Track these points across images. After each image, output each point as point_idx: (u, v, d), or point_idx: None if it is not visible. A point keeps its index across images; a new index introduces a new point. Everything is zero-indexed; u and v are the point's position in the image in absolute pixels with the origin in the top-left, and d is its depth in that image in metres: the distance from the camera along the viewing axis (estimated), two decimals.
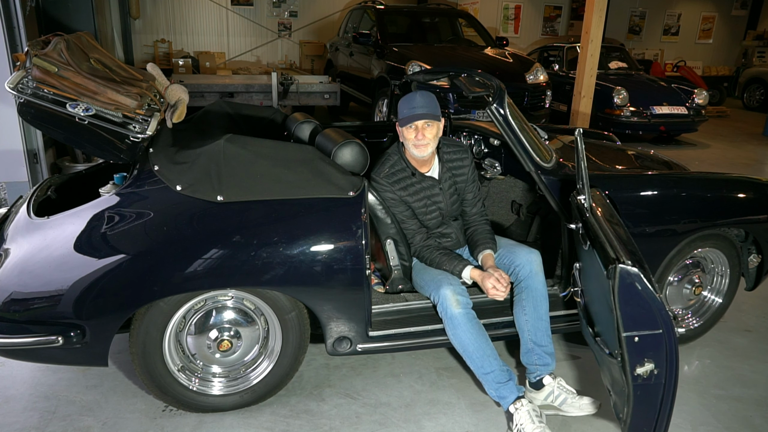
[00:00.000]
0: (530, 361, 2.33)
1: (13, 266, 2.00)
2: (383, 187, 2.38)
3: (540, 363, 2.32)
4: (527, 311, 2.31)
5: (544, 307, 2.32)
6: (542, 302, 2.31)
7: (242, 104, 3.01)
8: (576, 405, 2.30)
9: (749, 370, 2.76)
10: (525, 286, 2.33)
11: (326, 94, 7.51)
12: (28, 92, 1.98)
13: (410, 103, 2.27)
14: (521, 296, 2.34)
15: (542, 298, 2.31)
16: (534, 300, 2.31)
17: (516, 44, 12.04)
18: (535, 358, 2.32)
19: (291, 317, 2.23)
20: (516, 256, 2.38)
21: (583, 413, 2.31)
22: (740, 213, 2.71)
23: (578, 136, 2.06)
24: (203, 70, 10.08)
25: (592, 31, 6.37)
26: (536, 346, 2.31)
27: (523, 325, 2.33)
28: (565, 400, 2.30)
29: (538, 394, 2.33)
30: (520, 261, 2.36)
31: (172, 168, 2.09)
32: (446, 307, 2.21)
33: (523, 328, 2.33)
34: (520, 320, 2.34)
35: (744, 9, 14.31)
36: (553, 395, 2.31)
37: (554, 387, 2.31)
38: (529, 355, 2.33)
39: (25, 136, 4.09)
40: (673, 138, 8.53)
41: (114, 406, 2.33)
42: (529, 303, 2.31)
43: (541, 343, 2.31)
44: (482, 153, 3.16)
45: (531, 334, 2.31)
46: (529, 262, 2.34)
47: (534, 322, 2.31)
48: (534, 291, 2.31)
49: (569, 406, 2.30)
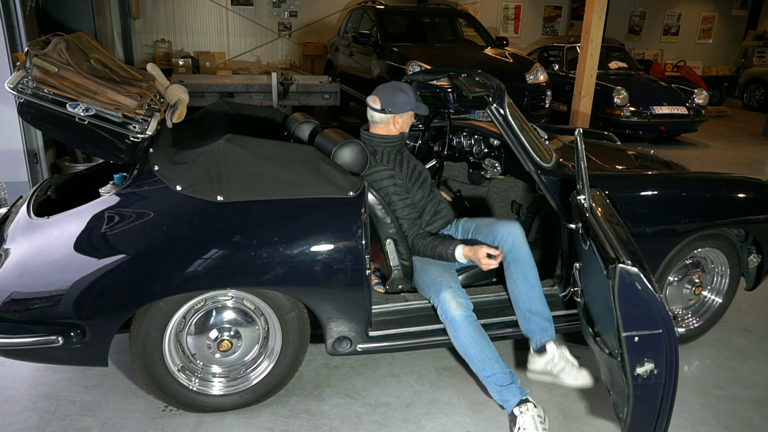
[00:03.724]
0: (529, 328, 2.37)
1: (13, 266, 2.00)
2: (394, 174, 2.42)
3: (539, 329, 2.35)
4: (518, 282, 2.35)
5: (533, 274, 2.35)
6: (530, 270, 2.35)
7: (242, 104, 3.01)
8: (572, 375, 2.32)
9: (749, 370, 2.76)
10: (511, 258, 2.36)
11: (326, 94, 7.51)
12: (28, 92, 1.98)
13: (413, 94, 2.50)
14: (510, 269, 2.37)
15: (530, 267, 2.35)
16: (522, 269, 2.34)
17: (516, 44, 12.04)
18: (534, 325, 2.35)
19: (291, 317, 2.23)
20: (497, 230, 2.40)
21: (577, 383, 2.32)
22: (740, 213, 2.71)
23: (578, 136, 2.06)
24: (203, 70, 10.07)
25: (592, 31, 6.37)
26: (532, 315, 2.34)
27: (517, 295, 2.36)
28: (563, 368, 2.32)
29: (540, 359, 2.35)
30: (501, 234, 2.38)
31: (172, 168, 2.09)
32: (446, 311, 2.22)
33: (517, 299, 2.36)
34: (513, 292, 2.37)
35: (744, 9, 14.30)
36: (553, 362, 2.33)
37: (555, 355, 2.32)
38: (527, 322, 2.36)
39: (25, 136, 4.09)
40: (673, 138, 8.52)
41: (114, 406, 2.33)
42: (518, 273, 2.34)
43: (536, 310, 2.34)
44: (482, 153, 3.16)
45: (525, 303, 2.34)
46: (510, 234, 2.36)
47: (526, 291, 2.34)
48: (520, 261, 2.34)
49: (566, 374, 2.32)
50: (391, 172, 2.42)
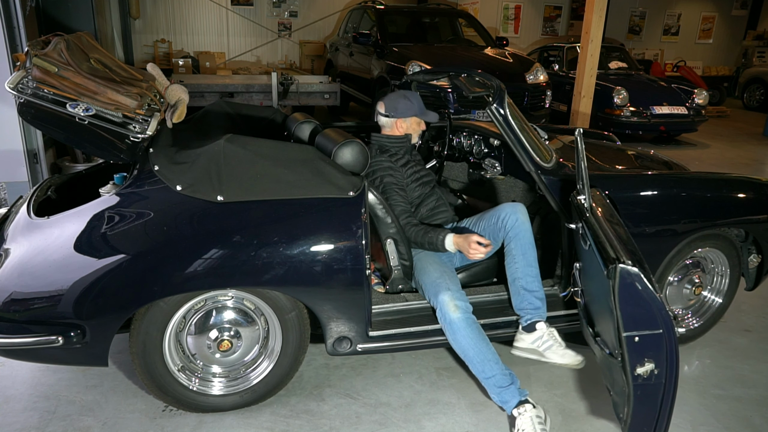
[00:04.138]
0: (521, 306, 2.39)
1: (13, 266, 2.00)
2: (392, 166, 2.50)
3: (531, 307, 2.37)
4: (517, 259, 2.37)
5: (532, 254, 2.38)
6: (530, 249, 2.37)
7: (242, 104, 3.01)
8: (559, 353, 2.34)
9: (749, 370, 2.76)
10: (513, 236, 2.38)
11: (326, 94, 7.51)
12: (28, 92, 1.98)
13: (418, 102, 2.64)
14: (510, 246, 2.40)
15: (530, 246, 2.38)
16: (522, 247, 2.37)
17: (516, 44, 12.04)
18: (526, 303, 2.38)
19: (291, 317, 2.23)
20: (501, 210, 2.43)
21: (563, 362, 2.34)
22: (740, 213, 2.71)
23: (578, 136, 2.06)
24: (203, 70, 10.07)
25: (592, 31, 6.37)
26: (526, 292, 2.37)
27: (514, 272, 2.39)
28: (551, 346, 2.35)
29: (528, 336, 2.39)
30: (504, 213, 2.40)
31: (172, 168, 2.09)
32: (445, 313, 2.22)
33: (514, 276, 2.39)
34: (511, 269, 2.40)
35: (744, 9, 14.30)
36: (541, 340, 2.36)
37: (545, 333, 2.36)
38: (520, 299, 2.39)
39: (25, 136, 4.09)
40: (673, 138, 8.52)
41: (114, 406, 2.33)
42: (518, 251, 2.37)
43: (531, 288, 2.37)
44: (482, 153, 3.16)
45: (521, 280, 2.37)
46: (513, 212, 2.39)
47: (524, 269, 2.37)
48: (522, 239, 2.37)
49: (553, 353, 2.35)
50: (390, 164, 2.50)
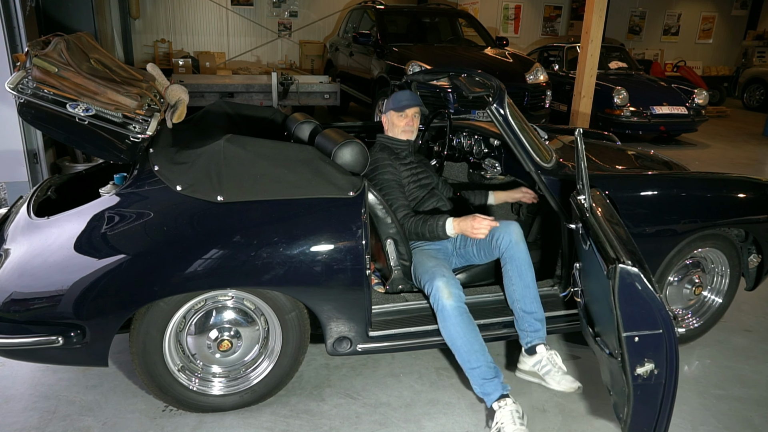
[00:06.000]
0: (522, 327, 2.41)
1: (13, 266, 2.00)
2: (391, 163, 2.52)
3: (531, 330, 2.39)
4: (514, 281, 2.37)
5: (529, 274, 2.37)
6: (527, 270, 2.37)
7: (242, 104, 3.01)
8: (557, 379, 2.37)
9: (749, 370, 2.76)
10: (508, 257, 2.38)
11: (326, 94, 7.52)
12: (28, 92, 1.98)
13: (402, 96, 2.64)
14: (506, 267, 2.39)
15: (526, 267, 2.37)
16: (518, 269, 2.36)
17: (516, 44, 12.04)
18: (526, 325, 2.39)
19: (291, 317, 2.23)
20: (495, 230, 2.42)
21: (560, 389, 2.37)
22: (740, 213, 2.71)
23: (578, 136, 2.06)
24: (203, 70, 10.07)
25: (592, 31, 6.37)
26: (525, 314, 2.38)
27: (511, 294, 2.39)
28: (549, 371, 2.38)
29: (529, 359, 2.42)
30: (499, 233, 2.40)
31: (172, 168, 2.09)
32: (438, 298, 2.23)
33: (513, 298, 2.40)
34: (509, 290, 2.40)
35: (744, 9, 14.30)
36: (541, 365, 2.39)
37: (545, 357, 2.39)
38: (521, 322, 2.41)
39: (25, 136, 4.09)
40: (673, 138, 8.52)
41: (114, 406, 2.33)
42: (514, 272, 2.37)
43: (530, 310, 2.37)
44: (482, 153, 3.16)
45: (520, 302, 2.37)
46: (508, 233, 2.38)
47: (521, 291, 2.37)
48: (517, 260, 2.36)
49: (551, 378, 2.37)
50: (389, 161, 2.52)
